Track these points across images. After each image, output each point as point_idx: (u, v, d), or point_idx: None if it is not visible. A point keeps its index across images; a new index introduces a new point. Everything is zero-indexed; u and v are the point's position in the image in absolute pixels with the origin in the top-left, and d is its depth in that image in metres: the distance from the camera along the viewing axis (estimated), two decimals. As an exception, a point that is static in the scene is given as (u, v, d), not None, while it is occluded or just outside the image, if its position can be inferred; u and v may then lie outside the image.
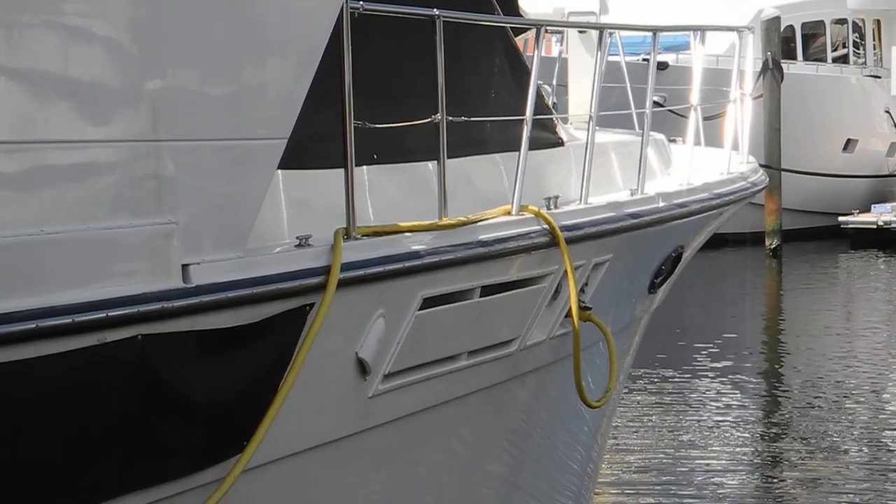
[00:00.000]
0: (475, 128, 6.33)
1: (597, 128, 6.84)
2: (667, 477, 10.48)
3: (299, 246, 4.95)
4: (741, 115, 8.98)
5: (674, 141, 8.93)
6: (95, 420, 4.27)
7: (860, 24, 28.10)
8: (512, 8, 8.45)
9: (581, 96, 7.90)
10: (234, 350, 4.67)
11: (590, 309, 6.70)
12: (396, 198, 5.95)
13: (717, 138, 9.02)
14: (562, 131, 7.37)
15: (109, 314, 4.15)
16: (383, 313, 5.32)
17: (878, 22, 28.49)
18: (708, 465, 10.78)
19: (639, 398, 12.72)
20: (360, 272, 5.09)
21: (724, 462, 10.86)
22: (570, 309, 6.48)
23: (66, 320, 4.05)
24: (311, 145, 5.30)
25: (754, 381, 13.98)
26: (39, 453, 4.11)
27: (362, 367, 5.29)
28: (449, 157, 5.80)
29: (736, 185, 8.51)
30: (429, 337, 5.65)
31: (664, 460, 10.88)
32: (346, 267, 4.97)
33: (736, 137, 8.91)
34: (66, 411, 4.18)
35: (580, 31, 9.08)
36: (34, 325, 3.98)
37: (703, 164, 8.41)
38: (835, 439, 11.46)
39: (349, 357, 5.25)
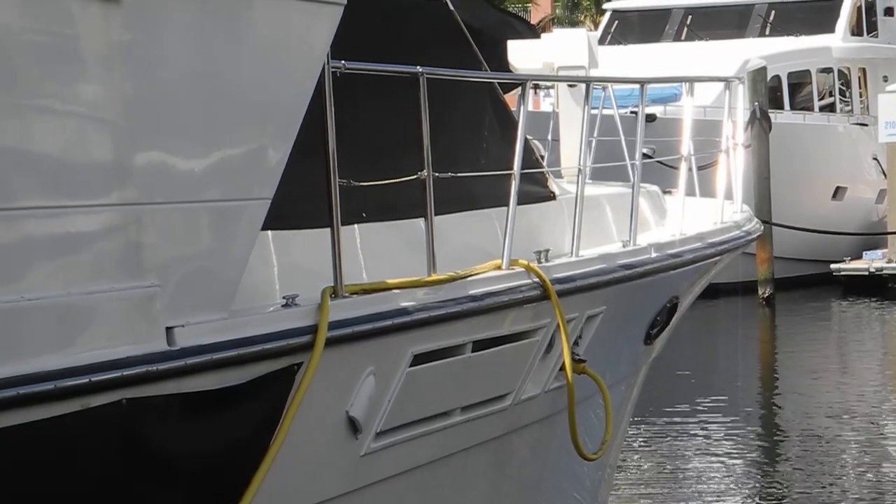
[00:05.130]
0: (467, 183, 6.31)
1: (592, 181, 6.81)
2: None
3: (286, 306, 4.90)
4: (734, 164, 8.96)
5: (668, 192, 8.90)
6: (80, 487, 4.19)
7: (846, 72, 28.19)
8: (500, 63, 8.44)
9: (572, 150, 7.88)
10: (221, 412, 4.60)
11: (584, 361, 6.63)
12: (390, 255, 5.91)
13: (711, 188, 8.98)
14: (553, 185, 7.34)
15: (93, 379, 4.09)
16: (373, 371, 5.26)
17: (864, 70, 28.58)
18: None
19: (632, 448, 12.61)
20: (349, 330, 5.03)
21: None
22: (563, 362, 6.42)
23: (49, 386, 3.98)
24: (303, 205, 5.26)
25: (749, 429, 13.90)
26: (23, 522, 4.02)
27: (353, 426, 5.23)
28: (442, 214, 5.78)
29: (730, 235, 8.48)
30: (420, 394, 5.59)
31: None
32: (334, 325, 4.92)
33: (729, 187, 8.88)
34: (50, 478, 4.10)
35: (570, 85, 9.06)
36: (15, 393, 3.91)
37: (697, 215, 8.38)
38: (829, 487, 11.36)
39: (340, 416, 5.18)
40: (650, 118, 20.55)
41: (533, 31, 9.72)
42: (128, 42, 4.24)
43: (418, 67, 5.59)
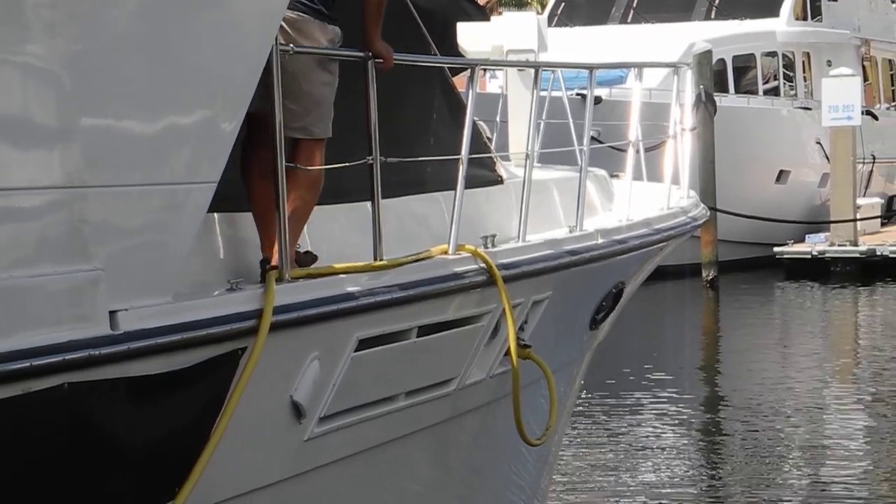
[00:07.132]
0: (416, 167, 6.29)
1: (540, 164, 6.79)
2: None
3: (230, 290, 4.87)
4: (681, 149, 8.98)
5: (616, 176, 8.91)
6: (22, 471, 4.15)
7: (790, 56, 28.36)
8: (450, 46, 8.42)
9: (521, 134, 7.88)
10: (165, 396, 4.57)
11: (529, 347, 6.63)
12: (338, 238, 5.89)
13: (658, 172, 9.00)
14: (501, 169, 7.33)
15: (34, 363, 4.04)
16: (318, 356, 5.24)
17: (808, 55, 28.76)
18: (647, 493, 10.74)
19: (578, 430, 12.67)
20: (294, 315, 5.01)
21: (663, 490, 10.82)
22: (509, 347, 6.42)
23: None
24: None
25: (693, 406, 14.04)
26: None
27: (297, 410, 5.22)
28: (390, 197, 5.75)
29: (676, 221, 8.51)
30: (365, 378, 5.57)
31: (605, 489, 10.82)
32: (279, 310, 4.89)
33: (676, 172, 8.90)
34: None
35: (519, 69, 9.05)
36: None
37: (644, 200, 8.40)
38: (772, 463, 11.48)
39: (284, 400, 5.16)
40: (596, 100, 20.56)
41: (483, 14, 9.71)
42: (72, 20, 4.18)
43: (367, 52, 5.56)
